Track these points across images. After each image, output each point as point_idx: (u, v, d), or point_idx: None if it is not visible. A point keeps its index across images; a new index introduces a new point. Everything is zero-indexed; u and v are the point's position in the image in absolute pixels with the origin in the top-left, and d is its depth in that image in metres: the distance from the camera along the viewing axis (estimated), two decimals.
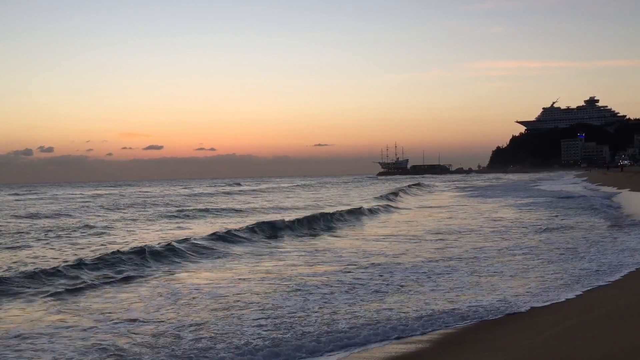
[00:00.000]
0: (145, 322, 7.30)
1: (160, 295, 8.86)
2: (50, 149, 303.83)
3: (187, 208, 30.88)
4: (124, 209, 32.39)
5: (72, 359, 5.96)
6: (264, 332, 6.71)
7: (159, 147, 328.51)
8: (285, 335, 6.56)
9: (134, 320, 7.34)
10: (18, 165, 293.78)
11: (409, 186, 58.61)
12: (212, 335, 6.64)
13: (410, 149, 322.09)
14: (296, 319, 7.28)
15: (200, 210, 28.74)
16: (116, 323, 7.25)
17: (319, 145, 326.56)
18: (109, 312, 7.83)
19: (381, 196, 38.54)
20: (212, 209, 29.78)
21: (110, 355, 6.03)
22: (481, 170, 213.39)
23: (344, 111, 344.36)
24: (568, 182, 66.19)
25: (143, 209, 31.88)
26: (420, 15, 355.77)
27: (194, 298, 8.58)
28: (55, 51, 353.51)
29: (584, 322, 6.76)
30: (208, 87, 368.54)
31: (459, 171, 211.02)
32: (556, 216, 21.38)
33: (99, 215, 27.07)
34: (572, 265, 10.62)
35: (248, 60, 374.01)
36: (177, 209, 30.76)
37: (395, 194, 41.93)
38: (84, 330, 6.99)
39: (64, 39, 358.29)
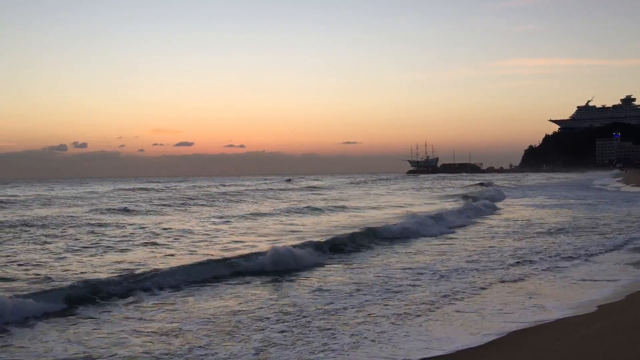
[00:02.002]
0: None
1: None
2: (84, 145, 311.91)
3: (298, 205, 31.40)
4: (244, 202, 34.90)
5: None
6: None
7: (190, 144, 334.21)
8: None
9: None
10: (53, 160, 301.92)
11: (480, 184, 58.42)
12: None
13: (440, 148, 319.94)
14: None
15: (316, 208, 29.11)
16: None
17: (348, 143, 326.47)
18: None
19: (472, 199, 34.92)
20: (326, 207, 30.33)
21: None
22: (513, 170, 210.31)
23: (373, 109, 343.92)
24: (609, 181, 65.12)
25: (265, 204, 34.09)
26: (450, 12, 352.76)
27: None
28: (89, 48, 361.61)
29: None
30: (238, 84, 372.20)
31: (490, 170, 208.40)
32: None
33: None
34: None
35: (278, 58, 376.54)
36: (288, 204, 32.56)
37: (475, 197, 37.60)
38: None
39: (98, 35, 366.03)
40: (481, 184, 63.62)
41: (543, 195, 42.07)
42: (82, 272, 10.79)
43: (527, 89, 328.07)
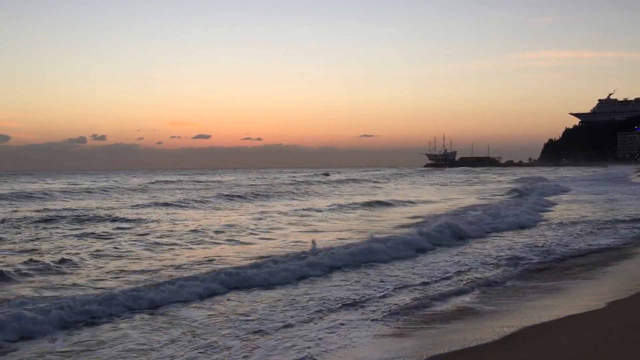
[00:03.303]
0: None
1: None
2: (103, 137, 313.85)
3: (368, 199, 31.89)
4: (312, 195, 36.44)
5: None
6: None
7: (207, 137, 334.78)
8: None
9: None
10: (72, 152, 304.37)
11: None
12: None
13: (459, 141, 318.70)
14: None
15: (386, 202, 29.48)
16: None
17: (365, 136, 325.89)
18: None
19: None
20: (392, 200, 30.96)
21: None
22: (532, 164, 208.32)
23: (390, 102, 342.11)
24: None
25: (334, 197, 35.34)
26: (469, 4, 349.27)
27: None
28: (109, 42, 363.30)
29: None
30: (255, 77, 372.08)
31: (509, 164, 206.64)
32: None
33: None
34: None
35: (295, 50, 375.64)
36: (357, 198, 33.35)
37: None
38: None
39: (118, 29, 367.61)
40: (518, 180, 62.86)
41: (586, 189, 41.33)
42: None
43: (547, 81, 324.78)
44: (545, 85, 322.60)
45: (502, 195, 34.92)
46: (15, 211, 24.56)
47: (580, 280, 10.17)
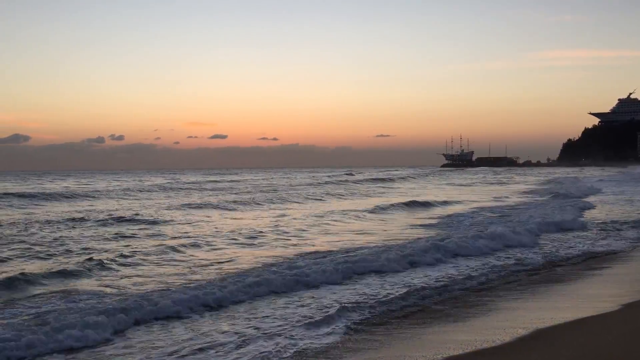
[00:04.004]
0: None
1: None
2: (120, 137, 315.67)
3: (410, 199, 32.04)
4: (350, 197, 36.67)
5: None
6: None
7: (224, 137, 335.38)
8: None
9: None
10: (91, 152, 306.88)
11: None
12: None
13: (476, 141, 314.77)
14: None
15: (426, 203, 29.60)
16: None
17: (381, 136, 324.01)
18: None
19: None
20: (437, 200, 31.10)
21: None
22: (551, 164, 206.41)
23: (407, 102, 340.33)
24: None
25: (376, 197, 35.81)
26: (487, 2, 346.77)
27: None
28: (125, 42, 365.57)
29: None
30: (271, 77, 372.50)
31: (527, 164, 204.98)
32: None
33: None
34: None
35: (310, 51, 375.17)
36: (400, 198, 33.62)
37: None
38: None
39: (134, 30, 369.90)
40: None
41: (616, 189, 40.76)
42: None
43: (566, 81, 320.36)
44: (564, 84, 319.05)
45: (541, 197, 34.46)
46: (89, 211, 24.57)
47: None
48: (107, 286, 10.00)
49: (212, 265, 11.94)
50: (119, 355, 6.55)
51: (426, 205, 28.29)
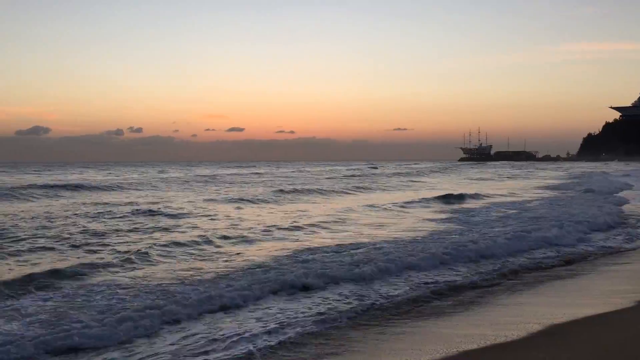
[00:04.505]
0: None
1: None
2: (139, 130, 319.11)
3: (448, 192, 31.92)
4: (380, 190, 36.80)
5: None
6: None
7: (241, 129, 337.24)
8: None
9: None
10: (110, 144, 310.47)
11: None
12: None
13: (494, 135, 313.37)
14: None
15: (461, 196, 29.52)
16: None
17: (398, 129, 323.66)
18: None
19: None
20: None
21: None
22: (570, 158, 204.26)
23: (424, 95, 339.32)
24: None
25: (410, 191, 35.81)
26: None
27: None
28: (144, 37, 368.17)
29: None
30: (288, 70, 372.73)
31: (546, 158, 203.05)
32: None
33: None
34: None
35: (327, 44, 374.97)
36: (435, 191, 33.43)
37: None
38: None
39: (153, 24, 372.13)
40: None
41: None
42: None
43: (586, 74, 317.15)
44: (584, 78, 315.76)
45: (574, 192, 34.14)
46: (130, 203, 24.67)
47: None
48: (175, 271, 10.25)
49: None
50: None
51: (461, 198, 28.16)
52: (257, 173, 63.99)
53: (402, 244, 13.42)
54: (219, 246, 13.36)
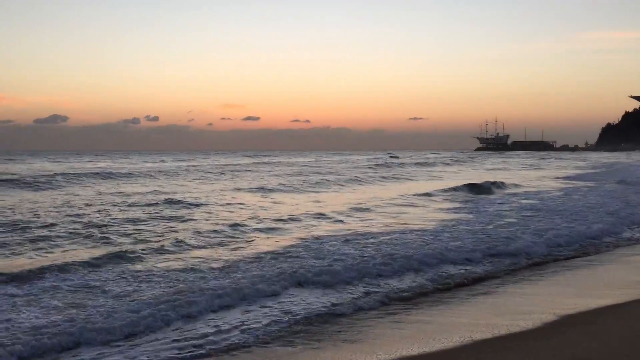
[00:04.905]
0: None
1: None
2: (155, 119, 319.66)
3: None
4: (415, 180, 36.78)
5: None
6: None
7: (256, 119, 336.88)
8: None
9: None
10: (127, 133, 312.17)
11: None
12: None
13: (511, 125, 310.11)
14: None
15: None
16: None
17: (414, 118, 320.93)
18: None
19: None
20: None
21: None
22: (589, 148, 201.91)
23: (440, 84, 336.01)
24: None
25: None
26: None
27: None
28: (159, 25, 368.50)
29: None
30: (303, 59, 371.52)
31: (564, 148, 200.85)
32: None
33: None
34: None
35: (343, 33, 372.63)
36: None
37: None
38: None
39: (169, 13, 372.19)
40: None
41: None
42: None
43: (605, 63, 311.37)
44: (603, 66, 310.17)
45: (607, 183, 33.34)
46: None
47: None
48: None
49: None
50: None
51: (501, 186, 27.62)
52: (277, 162, 63.88)
53: (432, 233, 13.40)
54: (251, 233, 13.61)
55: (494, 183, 28.26)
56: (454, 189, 26.22)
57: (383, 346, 6.26)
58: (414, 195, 23.88)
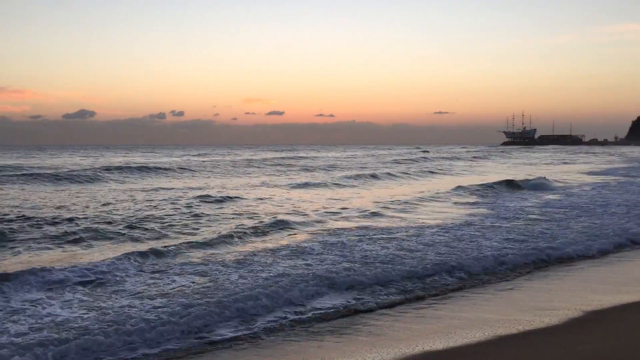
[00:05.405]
0: None
1: None
2: (181, 113, 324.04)
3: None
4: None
5: None
6: None
7: (280, 113, 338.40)
8: None
9: None
10: (153, 127, 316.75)
11: None
12: None
13: (539, 118, 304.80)
14: None
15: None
16: None
17: (439, 113, 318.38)
18: None
19: None
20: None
21: None
22: (619, 142, 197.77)
23: (466, 78, 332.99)
24: None
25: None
26: None
27: None
28: (186, 23, 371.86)
29: None
30: (327, 53, 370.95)
31: (593, 142, 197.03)
32: None
33: None
34: None
35: (367, 26, 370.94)
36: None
37: None
38: None
39: (193, 11, 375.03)
40: None
41: None
42: None
43: (634, 55, 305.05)
44: (632, 59, 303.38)
45: None
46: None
47: None
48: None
49: None
50: None
51: (547, 184, 26.70)
52: (306, 157, 62.75)
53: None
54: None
55: (543, 178, 27.72)
56: (501, 183, 25.51)
57: (406, 340, 6.28)
58: (466, 187, 23.57)
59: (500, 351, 5.85)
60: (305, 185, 26.05)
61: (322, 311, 7.40)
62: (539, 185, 25.56)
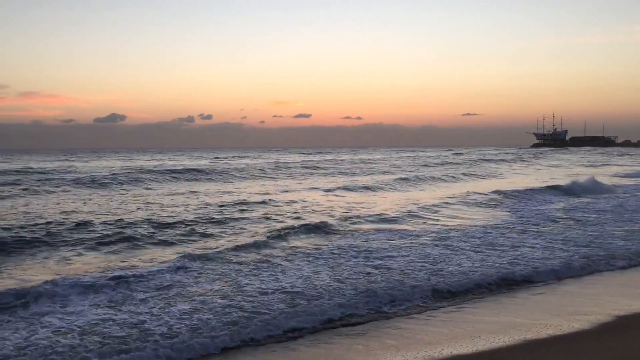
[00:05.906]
0: None
1: None
2: (209, 117, 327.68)
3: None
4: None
5: None
6: None
7: (307, 116, 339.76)
8: None
9: None
10: (182, 131, 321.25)
11: None
12: None
13: (570, 120, 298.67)
14: None
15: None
16: None
17: (468, 114, 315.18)
18: None
19: None
20: None
21: None
22: None
23: (495, 79, 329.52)
24: None
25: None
26: None
27: None
28: (213, 28, 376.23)
29: None
30: (354, 56, 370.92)
31: (627, 144, 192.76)
32: None
33: None
34: None
35: (395, 29, 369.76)
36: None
37: None
38: None
39: (219, 13, 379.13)
40: None
41: None
42: None
43: None
44: None
45: None
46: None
47: None
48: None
49: None
50: None
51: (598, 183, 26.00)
52: (345, 160, 61.68)
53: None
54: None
55: (592, 180, 27.02)
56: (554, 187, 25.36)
57: (434, 344, 6.31)
58: (510, 191, 23.28)
59: (530, 355, 5.85)
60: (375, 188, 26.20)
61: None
62: (589, 189, 24.80)
